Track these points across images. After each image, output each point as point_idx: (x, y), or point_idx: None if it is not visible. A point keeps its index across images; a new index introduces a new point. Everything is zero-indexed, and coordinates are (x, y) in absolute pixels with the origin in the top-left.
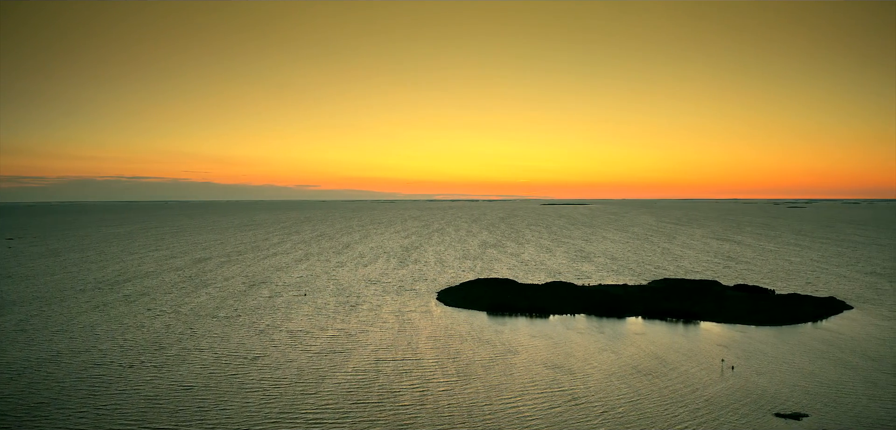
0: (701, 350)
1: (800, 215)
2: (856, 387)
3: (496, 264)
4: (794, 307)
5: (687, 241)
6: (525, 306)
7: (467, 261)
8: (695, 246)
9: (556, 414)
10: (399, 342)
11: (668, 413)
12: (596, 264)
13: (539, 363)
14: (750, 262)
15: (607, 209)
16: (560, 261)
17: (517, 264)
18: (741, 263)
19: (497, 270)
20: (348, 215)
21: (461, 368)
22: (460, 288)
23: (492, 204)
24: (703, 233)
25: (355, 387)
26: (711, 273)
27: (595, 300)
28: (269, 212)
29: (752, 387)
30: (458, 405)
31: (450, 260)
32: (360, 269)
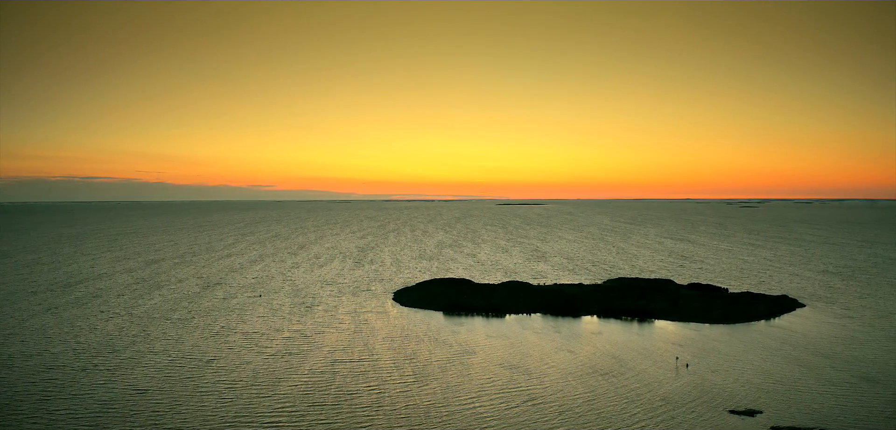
0: (656, 349)
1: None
2: (809, 384)
3: (452, 264)
4: (748, 306)
5: (641, 240)
6: (481, 305)
7: (423, 261)
8: (649, 245)
9: (513, 414)
10: (355, 343)
11: (624, 412)
12: (552, 263)
13: (496, 363)
14: (704, 261)
15: (563, 209)
16: (516, 261)
17: (473, 263)
18: (695, 262)
19: (453, 270)
20: (304, 215)
21: (418, 369)
22: (416, 288)
23: (448, 204)
24: (657, 232)
25: (311, 389)
26: (666, 272)
27: (551, 299)
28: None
29: (707, 385)
30: (415, 407)
31: (406, 260)
32: (316, 270)
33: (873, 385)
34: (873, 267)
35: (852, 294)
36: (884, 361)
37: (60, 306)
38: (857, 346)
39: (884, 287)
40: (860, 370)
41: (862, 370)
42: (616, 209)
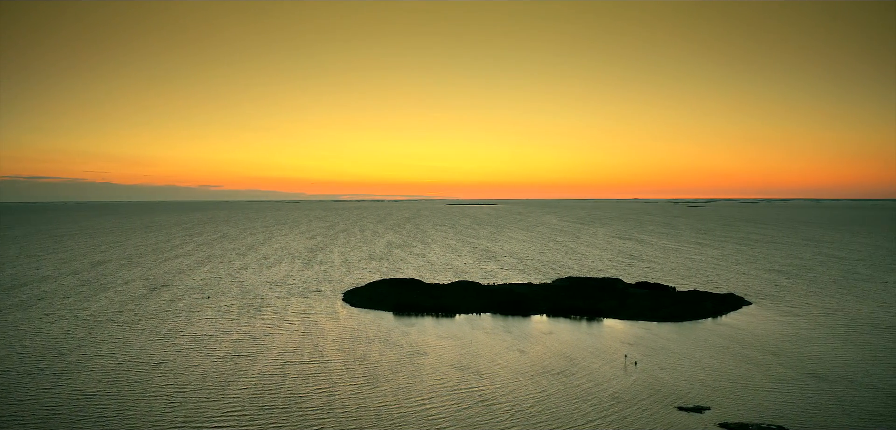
0: (605, 347)
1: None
2: (756, 380)
3: (402, 264)
4: (695, 304)
5: (590, 240)
6: (431, 305)
7: (373, 261)
8: (598, 245)
9: (465, 415)
10: (305, 345)
11: (575, 410)
12: (501, 263)
13: (447, 364)
14: (652, 260)
15: (512, 209)
16: (466, 260)
17: (424, 263)
18: (643, 261)
19: (403, 270)
20: (252, 215)
21: (368, 370)
22: (366, 289)
23: (398, 204)
24: (605, 232)
25: (261, 392)
26: (614, 272)
27: (500, 299)
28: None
29: (656, 382)
30: (366, 408)
31: (356, 261)
32: (265, 271)
33: (820, 381)
34: (818, 265)
35: (798, 292)
36: (830, 357)
37: (4, 310)
38: (803, 343)
39: (829, 285)
40: (807, 367)
41: (808, 366)
42: (564, 209)
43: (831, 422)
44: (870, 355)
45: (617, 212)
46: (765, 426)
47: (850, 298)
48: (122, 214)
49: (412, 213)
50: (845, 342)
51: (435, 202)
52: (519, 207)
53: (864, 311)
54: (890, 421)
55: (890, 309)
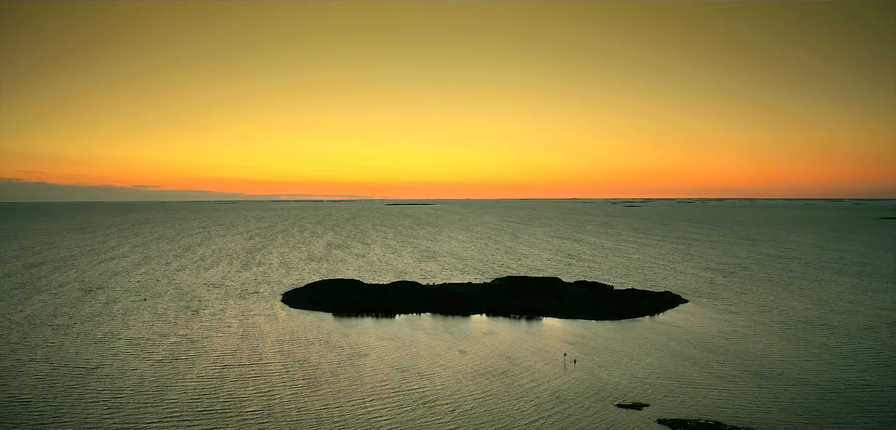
0: (545, 346)
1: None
2: (693, 377)
3: (342, 264)
4: (633, 302)
5: (530, 239)
6: (372, 306)
7: (313, 262)
8: (537, 244)
9: (406, 417)
10: (243, 348)
11: (516, 410)
12: (442, 263)
13: (388, 365)
14: (591, 259)
15: (452, 209)
16: (406, 261)
17: (364, 264)
18: (582, 260)
19: (343, 271)
20: (189, 216)
21: (309, 373)
22: (306, 290)
23: (337, 204)
24: (545, 232)
25: (199, 396)
26: (553, 271)
27: (441, 299)
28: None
29: (595, 380)
30: (306, 412)
31: (295, 262)
32: (202, 272)
33: (755, 377)
34: (754, 263)
35: (734, 290)
36: (766, 353)
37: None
38: (739, 339)
39: (764, 283)
40: (743, 363)
41: (744, 362)
42: (504, 209)
43: (768, 418)
44: (804, 352)
45: (556, 212)
46: (703, 422)
47: (785, 295)
48: (57, 215)
49: (352, 213)
50: (781, 339)
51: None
52: (458, 208)
53: (799, 308)
54: (824, 416)
55: (824, 306)
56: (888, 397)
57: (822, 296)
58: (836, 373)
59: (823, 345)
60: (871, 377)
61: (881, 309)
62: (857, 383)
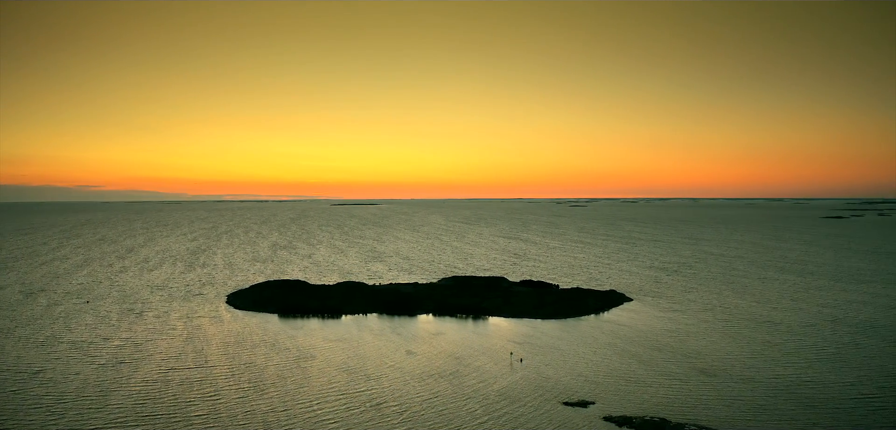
0: (491, 346)
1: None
2: (638, 374)
3: (288, 265)
4: (578, 301)
5: (476, 239)
6: (318, 307)
7: (258, 263)
8: (484, 244)
9: (354, 419)
10: (188, 351)
11: (463, 409)
12: (388, 263)
13: (335, 368)
14: (536, 258)
15: (398, 209)
16: (352, 261)
17: (309, 265)
18: (528, 259)
19: (289, 272)
20: (132, 216)
21: (255, 375)
22: (251, 291)
23: (282, 204)
24: (491, 232)
25: (144, 400)
26: (500, 270)
27: (387, 299)
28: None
29: (541, 378)
30: (253, 415)
31: (240, 263)
32: (146, 274)
33: (700, 374)
34: (697, 262)
35: (678, 288)
36: (710, 351)
37: None
38: (684, 337)
39: (708, 281)
40: (688, 361)
41: (689, 360)
42: (450, 209)
43: (713, 414)
44: (748, 349)
45: (501, 212)
46: (648, 419)
47: (729, 293)
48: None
49: (297, 213)
50: (725, 336)
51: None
52: (405, 208)
53: (743, 306)
54: (768, 412)
55: (767, 304)
56: (830, 393)
57: (766, 294)
58: (779, 370)
59: (767, 342)
60: (813, 373)
61: (823, 306)
62: (800, 379)
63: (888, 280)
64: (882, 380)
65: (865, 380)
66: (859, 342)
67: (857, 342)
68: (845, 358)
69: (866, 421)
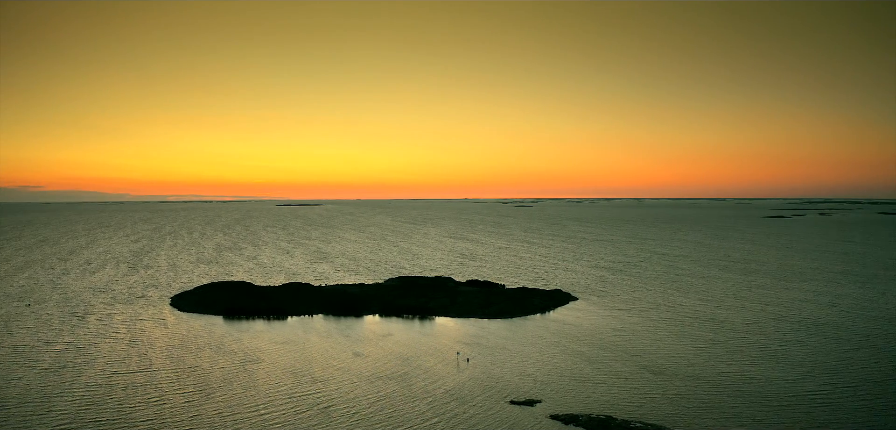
0: (438, 346)
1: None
2: (584, 372)
3: (233, 267)
4: (524, 300)
5: (423, 240)
6: (263, 308)
7: (202, 265)
8: (430, 244)
9: (302, 423)
10: (132, 354)
11: (411, 410)
12: (334, 264)
13: (282, 370)
14: (483, 258)
15: (343, 210)
16: (298, 262)
17: (254, 266)
18: (475, 260)
19: (234, 273)
20: (74, 217)
21: (200, 379)
22: (195, 293)
23: (227, 205)
24: (438, 231)
25: (88, 406)
26: (446, 270)
27: (333, 300)
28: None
29: (488, 378)
30: (199, 420)
31: (184, 264)
32: (88, 276)
33: (646, 372)
34: (642, 261)
35: (623, 287)
36: (655, 349)
37: None
38: (629, 336)
39: (652, 280)
40: (633, 359)
41: (635, 358)
42: (396, 209)
43: (658, 411)
44: (693, 347)
45: (448, 212)
46: (594, 417)
47: (674, 292)
48: None
49: (242, 214)
50: (670, 334)
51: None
52: (351, 208)
53: (687, 304)
54: (713, 409)
55: (710, 302)
56: (775, 389)
57: (710, 292)
58: (723, 367)
59: (712, 340)
60: (757, 370)
61: (766, 304)
62: (744, 376)
63: (829, 278)
64: (825, 376)
65: (808, 377)
66: (802, 339)
67: (801, 339)
68: (789, 355)
69: (810, 417)
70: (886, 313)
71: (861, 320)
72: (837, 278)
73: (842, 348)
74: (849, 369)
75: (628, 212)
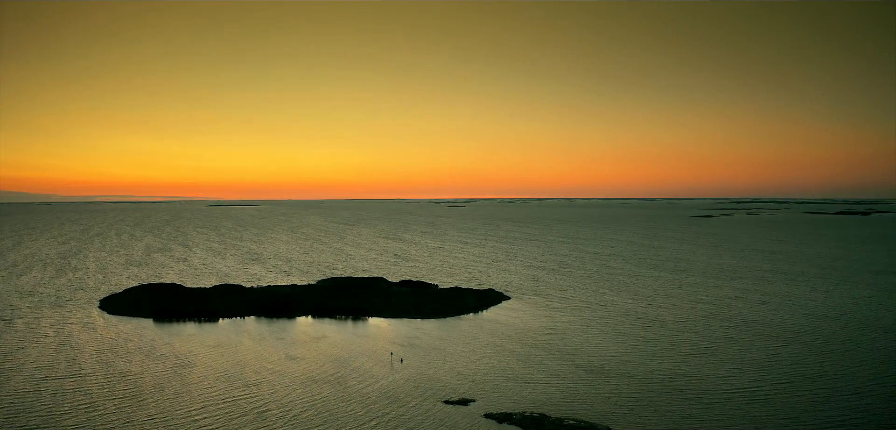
0: (372, 347)
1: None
2: (517, 371)
3: (163, 269)
4: (457, 300)
5: (356, 240)
6: (194, 311)
7: (132, 267)
8: (364, 245)
9: (236, 428)
10: (61, 359)
11: (346, 412)
12: (267, 265)
13: (214, 374)
14: (416, 259)
15: (276, 210)
16: (230, 263)
17: (185, 268)
18: (408, 260)
19: (164, 275)
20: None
21: (131, 384)
22: (125, 296)
23: (157, 206)
24: (371, 232)
25: (15, 413)
26: (380, 271)
27: (265, 302)
28: None
29: (422, 378)
30: (130, 426)
31: (113, 267)
32: (13, 279)
33: (579, 370)
34: (574, 260)
35: (556, 286)
36: (588, 347)
37: None
38: (562, 334)
39: (585, 279)
40: (566, 357)
41: (568, 356)
42: (329, 210)
43: (591, 409)
44: (625, 344)
45: (381, 212)
46: (528, 415)
47: (606, 290)
48: None
49: (172, 215)
50: (602, 333)
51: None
52: (283, 209)
53: (619, 302)
54: (645, 406)
55: (642, 300)
56: (705, 385)
57: (641, 291)
58: (654, 364)
59: (643, 337)
60: (688, 367)
61: (696, 302)
62: (675, 372)
63: (757, 276)
64: (753, 372)
65: (737, 373)
66: (732, 336)
67: (730, 336)
68: (719, 352)
69: (741, 412)
70: (814, 310)
71: (789, 316)
72: (766, 276)
73: (771, 344)
74: (778, 364)
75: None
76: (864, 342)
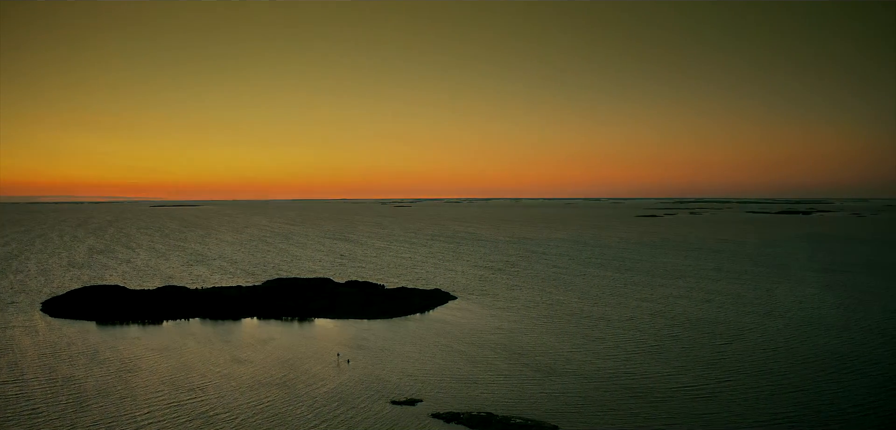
0: (319, 348)
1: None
2: (465, 370)
3: (106, 271)
4: (403, 300)
5: (302, 241)
6: (138, 313)
7: (74, 269)
8: (310, 245)
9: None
10: (2, 365)
11: (293, 414)
12: (212, 266)
13: (159, 379)
14: (363, 259)
15: (221, 211)
16: (174, 265)
17: (129, 269)
18: (355, 260)
19: (107, 277)
20: None
21: (75, 390)
22: (68, 298)
23: (99, 206)
24: (317, 233)
25: None
26: (326, 271)
27: (210, 303)
28: None
29: (369, 378)
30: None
31: (55, 269)
32: None
33: (526, 369)
34: (521, 260)
35: (502, 285)
36: (535, 346)
37: None
38: (508, 334)
39: (531, 278)
40: (513, 356)
41: (515, 355)
42: (274, 210)
43: (537, 407)
44: (572, 343)
45: (327, 213)
46: (475, 415)
47: (552, 290)
48: None
49: (115, 215)
50: (549, 332)
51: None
52: (228, 209)
53: (566, 301)
54: (591, 403)
55: (588, 299)
56: (651, 383)
57: (588, 290)
58: (600, 362)
59: (590, 336)
60: (634, 365)
61: (642, 300)
62: (621, 370)
63: (702, 275)
64: (698, 369)
65: (682, 370)
66: (677, 334)
67: (675, 334)
68: (664, 349)
69: (686, 409)
70: (757, 307)
71: (733, 314)
72: (710, 274)
73: (715, 342)
74: (722, 361)
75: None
76: (807, 340)
